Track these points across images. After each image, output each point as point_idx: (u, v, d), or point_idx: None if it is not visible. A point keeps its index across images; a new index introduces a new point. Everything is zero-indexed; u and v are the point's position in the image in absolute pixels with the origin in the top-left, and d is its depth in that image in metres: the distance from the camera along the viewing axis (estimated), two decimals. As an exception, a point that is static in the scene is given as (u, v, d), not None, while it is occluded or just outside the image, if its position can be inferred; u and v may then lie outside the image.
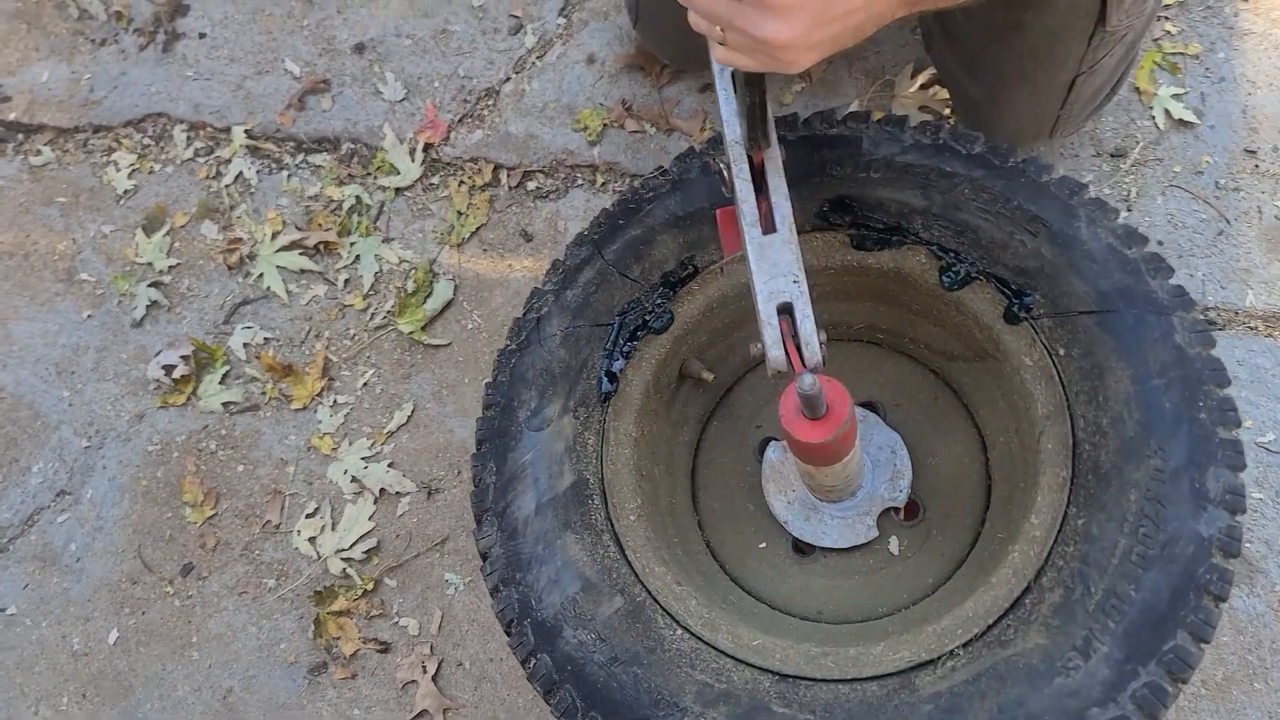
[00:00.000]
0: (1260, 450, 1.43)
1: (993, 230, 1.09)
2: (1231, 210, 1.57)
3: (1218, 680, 1.35)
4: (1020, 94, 1.38)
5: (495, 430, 1.13)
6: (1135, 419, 0.97)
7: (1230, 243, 1.55)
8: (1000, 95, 1.41)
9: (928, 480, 1.20)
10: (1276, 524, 1.39)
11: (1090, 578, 0.93)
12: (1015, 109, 1.43)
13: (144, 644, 1.63)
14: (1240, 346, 1.49)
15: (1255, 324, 1.50)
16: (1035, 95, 1.38)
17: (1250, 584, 1.37)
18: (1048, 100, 1.39)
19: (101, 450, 1.73)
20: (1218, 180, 1.60)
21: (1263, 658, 1.34)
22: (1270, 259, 1.53)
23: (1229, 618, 1.36)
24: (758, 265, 1.00)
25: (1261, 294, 1.52)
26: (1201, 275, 1.55)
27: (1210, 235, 1.57)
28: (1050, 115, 1.44)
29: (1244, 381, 1.47)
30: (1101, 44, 1.26)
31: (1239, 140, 1.62)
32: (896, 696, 0.93)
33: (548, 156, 1.76)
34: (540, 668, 1.02)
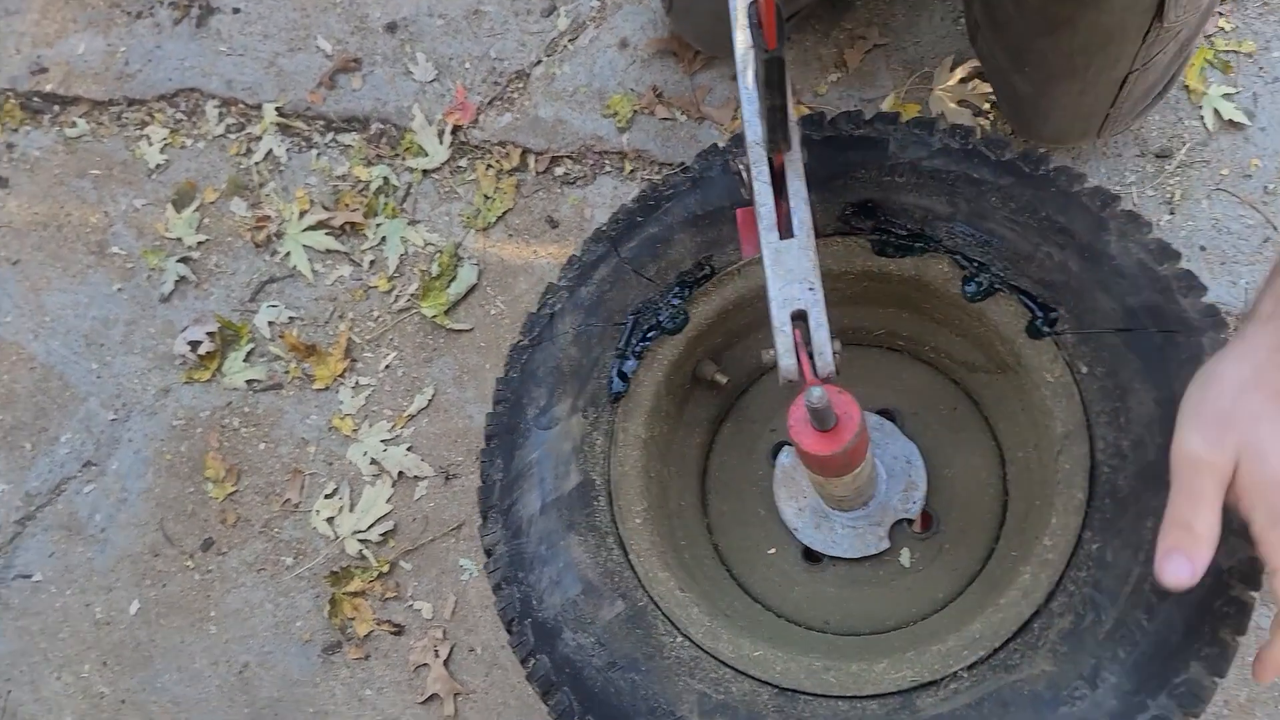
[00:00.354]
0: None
1: (1019, 241, 1.05)
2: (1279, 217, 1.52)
3: (1241, 701, 1.32)
4: (1069, 91, 1.33)
5: (504, 427, 1.12)
6: (1157, 444, 0.94)
7: (1276, 250, 1.51)
8: (1048, 91, 1.36)
9: (943, 493, 1.17)
10: (1309, 543, 1.35)
11: (1102, 605, 0.91)
12: (1063, 106, 1.39)
13: (164, 616, 1.65)
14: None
15: (1298, 335, 1.46)
16: (1085, 93, 1.33)
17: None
18: (1098, 98, 1.35)
19: (128, 423, 1.75)
20: (1266, 185, 1.55)
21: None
22: (1317, 268, 1.49)
23: (1254, 636, 1.32)
24: (773, 270, 0.98)
25: (1306, 304, 1.47)
26: (1245, 283, 1.50)
27: (1256, 242, 1.52)
28: (1099, 114, 1.39)
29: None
30: (1157, 40, 1.21)
31: (1292, 144, 1.57)
32: (896, 717, 0.92)
33: (576, 142, 1.74)
34: (539, 668, 1.01)
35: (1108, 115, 1.39)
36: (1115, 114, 1.39)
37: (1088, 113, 1.39)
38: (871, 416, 1.20)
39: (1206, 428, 0.79)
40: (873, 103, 1.68)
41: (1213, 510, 0.78)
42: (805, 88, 1.71)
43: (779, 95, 0.93)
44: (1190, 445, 0.79)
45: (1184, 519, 0.78)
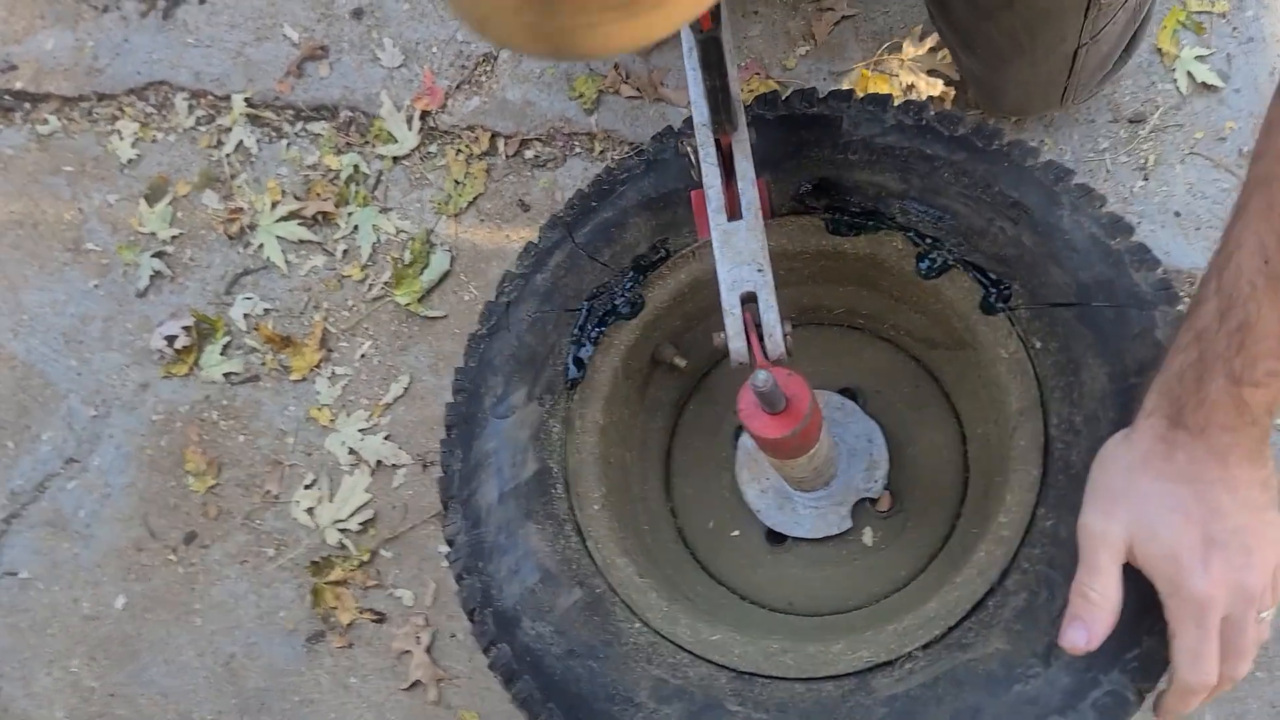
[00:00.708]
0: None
1: (972, 216, 1.05)
2: (1254, 179, 1.51)
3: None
4: (1019, 68, 1.32)
5: (462, 416, 1.12)
6: (1110, 419, 0.94)
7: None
8: (999, 70, 1.36)
9: (905, 470, 1.17)
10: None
11: (1055, 582, 0.91)
12: (1017, 83, 1.38)
13: (150, 609, 1.66)
14: (1258, 323, 1.43)
15: (1274, 299, 1.45)
16: (1035, 68, 1.32)
17: (1256, 570, 1.33)
18: (1050, 73, 1.33)
19: (108, 419, 1.76)
20: (1241, 148, 1.53)
21: (1265, 646, 1.30)
22: (1293, 230, 1.47)
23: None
24: (722, 253, 0.98)
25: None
26: (1220, 247, 1.49)
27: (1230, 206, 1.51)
28: (1057, 85, 1.38)
29: (1259, 360, 1.41)
30: (1100, 15, 1.20)
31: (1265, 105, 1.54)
32: (852, 698, 0.92)
33: (545, 124, 1.73)
34: (500, 657, 1.02)
35: (1066, 86, 1.37)
36: (1074, 84, 1.37)
37: (1044, 86, 1.38)
38: (833, 396, 1.20)
39: (1100, 505, 0.87)
40: (841, 75, 1.67)
41: (1109, 579, 0.85)
42: (774, 62, 1.69)
43: (718, 76, 0.93)
44: (1087, 520, 0.87)
45: (1082, 589, 0.85)
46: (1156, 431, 0.85)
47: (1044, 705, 0.87)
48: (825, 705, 0.92)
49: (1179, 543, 0.81)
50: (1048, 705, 0.87)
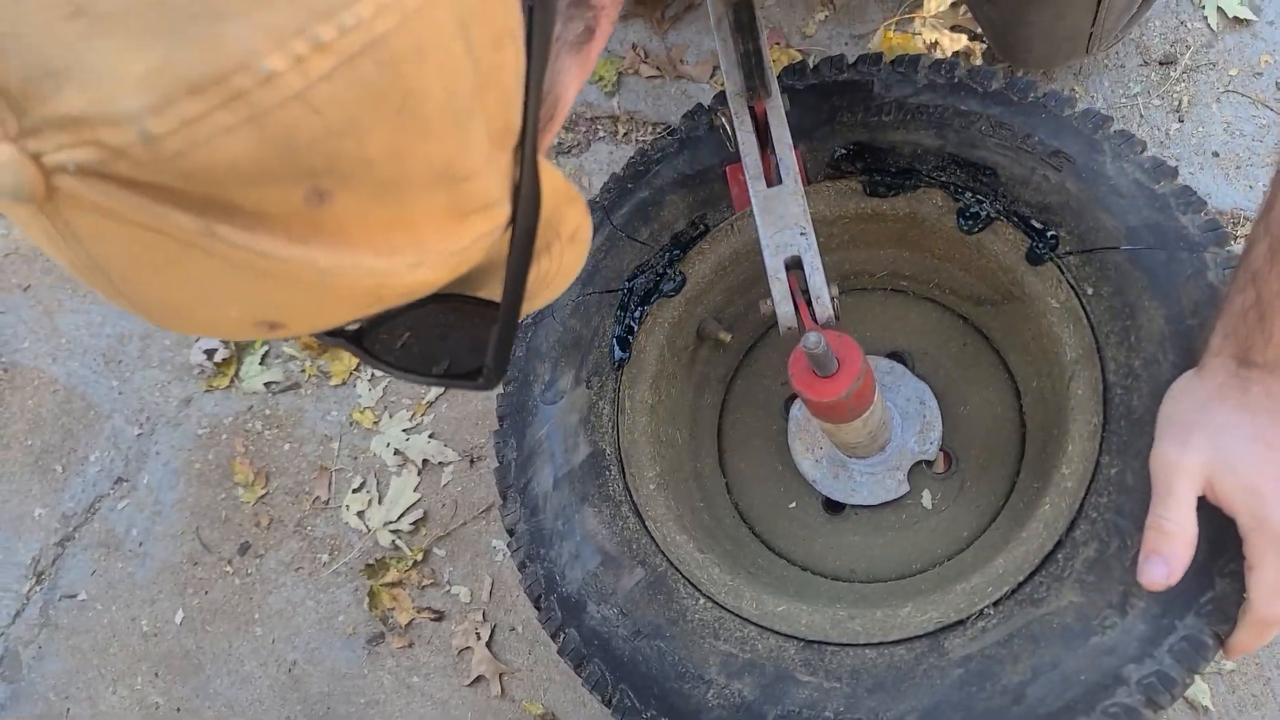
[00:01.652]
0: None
1: (1013, 167, 1.03)
2: (1294, 113, 1.48)
3: None
4: (1044, 17, 1.30)
5: (514, 406, 1.12)
6: (1170, 361, 0.92)
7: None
8: (1023, 19, 1.33)
9: (960, 430, 1.15)
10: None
11: (1126, 530, 0.89)
12: (1042, 32, 1.35)
13: (209, 622, 1.67)
14: (1305, 259, 1.40)
15: (1321, 234, 1.42)
16: (1061, 17, 1.29)
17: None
18: (1076, 20, 1.30)
19: (154, 436, 1.77)
20: (1278, 81, 1.50)
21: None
22: (1337, 163, 1.44)
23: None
24: (763, 219, 0.97)
25: (1328, 202, 1.42)
26: (1262, 186, 1.46)
27: (1271, 142, 1.47)
28: (1082, 33, 1.35)
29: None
30: None
31: (1302, 36, 1.52)
32: (925, 660, 0.91)
33: (567, 110, 1.72)
34: (569, 642, 1.01)
35: (1091, 34, 1.35)
36: (1100, 31, 1.34)
37: (1070, 34, 1.35)
38: (881, 360, 1.18)
39: (1176, 435, 0.85)
40: (863, 38, 1.65)
41: (1185, 510, 0.83)
42: (793, 30, 1.67)
43: (751, 39, 0.91)
44: (1163, 450, 0.85)
45: (1159, 521, 0.84)
46: (1228, 369, 0.83)
47: (1121, 655, 0.86)
48: (898, 669, 0.91)
49: (1262, 473, 0.79)
50: (1125, 654, 0.86)
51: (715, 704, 0.93)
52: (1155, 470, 0.86)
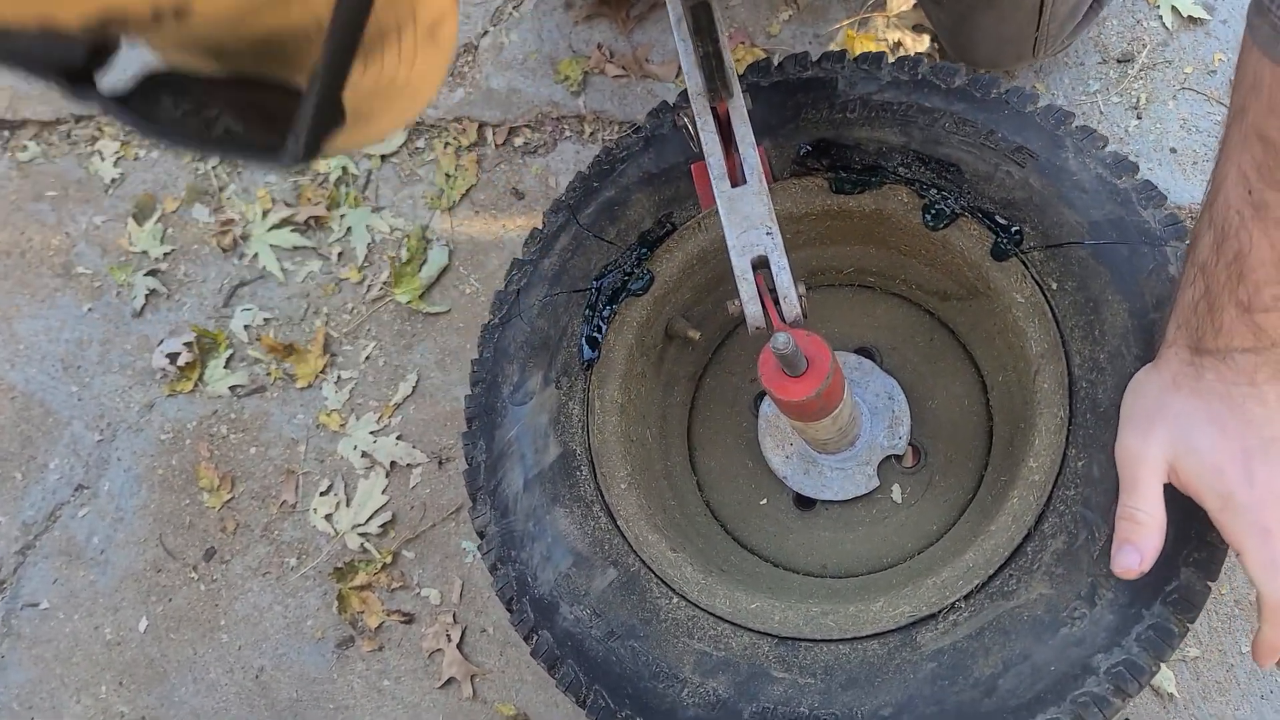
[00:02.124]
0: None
1: (977, 163, 1.04)
2: (1247, 109, 1.50)
3: (1252, 600, 1.31)
4: (988, 20, 1.32)
5: (482, 407, 1.11)
6: (1134, 354, 0.93)
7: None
8: (969, 20, 1.35)
9: (928, 425, 1.16)
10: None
11: (1093, 522, 0.90)
12: (987, 34, 1.37)
13: (174, 629, 1.65)
14: (1262, 253, 1.43)
15: (1277, 228, 1.44)
16: (1004, 21, 1.31)
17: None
18: (1019, 24, 1.33)
19: (114, 442, 1.74)
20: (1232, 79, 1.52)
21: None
22: (1290, 158, 1.46)
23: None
24: (729, 219, 0.97)
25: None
26: (1217, 180, 1.48)
27: (1223, 138, 1.50)
28: (1026, 38, 1.37)
29: (1266, 290, 1.41)
30: None
31: (1252, 34, 1.54)
32: (898, 655, 0.91)
33: (533, 110, 1.72)
34: (542, 644, 1.01)
35: (1036, 37, 1.37)
36: (1044, 35, 1.37)
37: (1014, 38, 1.37)
38: (849, 356, 1.19)
39: (1137, 426, 0.87)
40: (826, 37, 1.66)
41: (1153, 498, 0.85)
42: (757, 29, 1.68)
43: (710, 41, 0.91)
44: (1125, 442, 0.87)
45: (1128, 511, 0.86)
46: (1182, 358, 0.85)
47: (1091, 645, 0.87)
48: (871, 664, 0.91)
49: (1220, 454, 0.81)
50: (1094, 644, 0.87)
51: (690, 703, 0.94)
52: (1121, 462, 0.87)
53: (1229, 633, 1.30)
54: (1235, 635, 1.30)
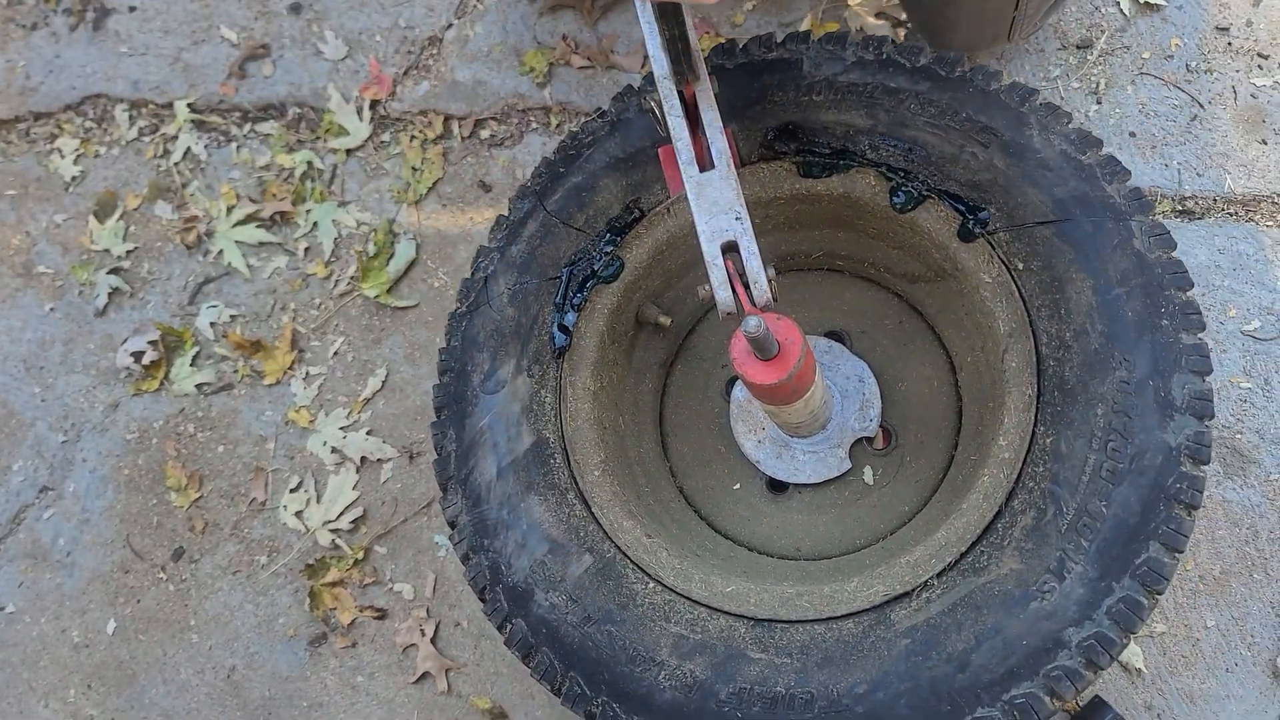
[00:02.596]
0: (1247, 339, 1.40)
1: (942, 145, 1.05)
2: (1205, 93, 1.52)
3: (1215, 574, 1.33)
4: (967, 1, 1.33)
5: (452, 396, 1.11)
6: (1099, 331, 0.94)
7: (1205, 127, 1.51)
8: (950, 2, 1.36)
9: (898, 406, 1.17)
10: (1267, 413, 1.36)
11: (1061, 497, 0.91)
12: (968, 13, 1.38)
13: (143, 631, 1.63)
14: (1221, 233, 1.45)
15: (1235, 209, 1.46)
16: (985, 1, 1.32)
17: (1244, 476, 1.35)
18: (999, 4, 1.34)
19: (79, 443, 1.72)
20: (1189, 63, 1.55)
21: (1260, 549, 1.32)
22: (1247, 140, 1.49)
23: (1224, 511, 1.34)
24: (698, 205, 0.97)
25: (1240, 177, 1.47)
26: (1178, 163, 1.50)
27: (1184, 121, 1.52)
28: (1005, 19, 1.38)
29: (1226, 270, 1.43)
30: None
31: (1209, 18, 1.56)
32: (873, 633, 0.92)
33: (498, 102, 1.71)
34: (516, 632, 1.01)
35: (1013, 19, 1.38)
36: (1021, 16, 1.38)
37: (993, 18, 1.38)
38: (819, 340, 1.20)
39: None
40: (791, 26, 1.66)
41: None
42: (722, 19, 1.68)
43: (676, 24, 0.92)
44: None
45: None
46: None
47: (1061, 619, 0.88)
48: (847, 643, 0.92)
49: None
50: (1064, 618, 0.88)
51: (667, 685, 0.94)
52: None
53: (1194, 608, 1.32)
54: (1200, 610, 1.32)
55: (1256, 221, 1.45)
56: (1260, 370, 1.38)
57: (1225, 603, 1.33)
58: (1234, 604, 1.34)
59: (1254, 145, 1.48)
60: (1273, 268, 1.42)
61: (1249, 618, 1.32)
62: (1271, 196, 1.46)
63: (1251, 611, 1.32)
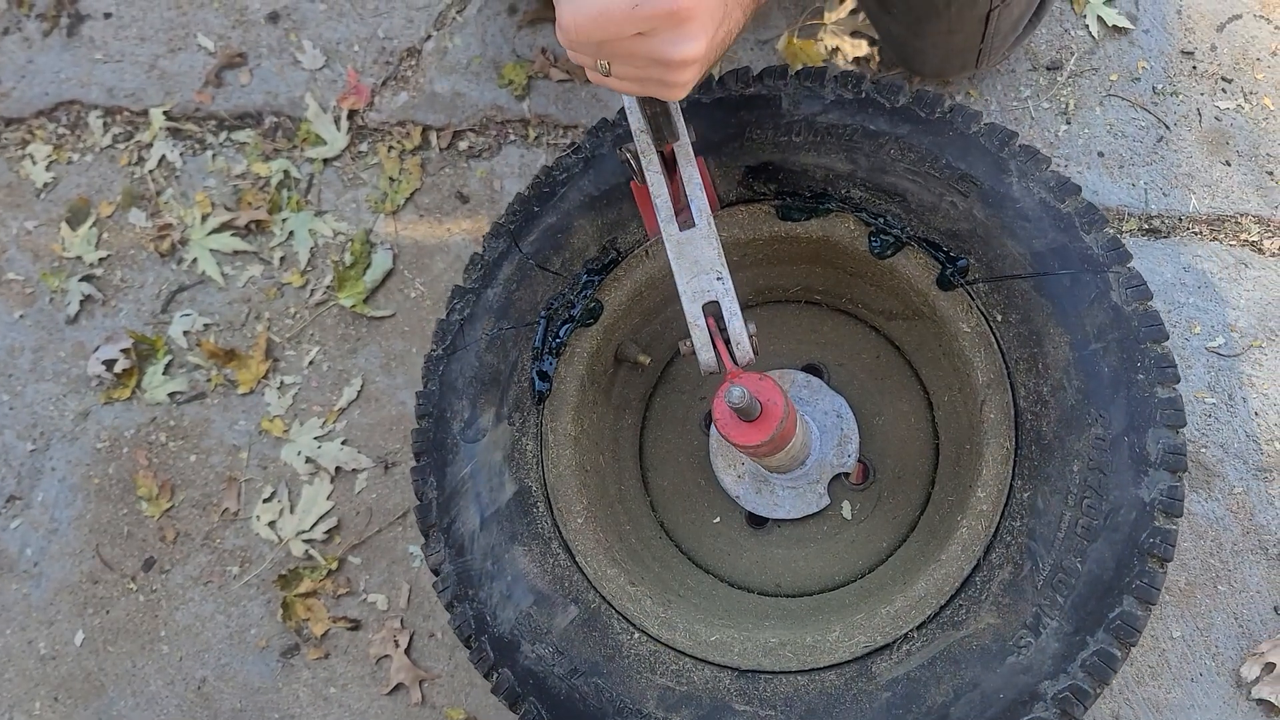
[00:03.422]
0: (1211, 355, 1.43)
1: (922, 193, 1.06)
2: (1170, 115, 1.55)
3: (1181, 586, 1.36)
4: (938, 30, 1.34)
5: (431, 443, 1.10)
6: (1075, 386, 0.96)
7: (1171, 148, 1.54)
8: (919, 32, 1.38)
9: (876, 442, 1.19)
10: (1230, 427, 1.40)
11: (1038, 553, 0.93)
12: (935, 45, 1.40)
13: (111, 642, 1.63)
14: (1186, 252, 1.49)
15: (1200, 229, 1.50)
16: (953, 32, 1.34)
17: (1208, 488, 1.38)
18: (965, 35, 1.36)
19: (48, 452, 1.71)
20: (1155, 85, 1.58)
21: (1224, 560, 1.36)
22: (1211, 161, 1.52)
23: (1188, 523, 1.37)
24: (679, 264, 0.97)
25: (1204, 198, 1.51)
26: (1144, 184, 1.53)
27: (1150, 142, 1.55)
28: (971, 49, 1.41)
29: (1190, 288, 1.46)
30: None
31: (1175, 42, 1.59)
32: (854, 685, 0.94)
33: (477, 114, 1.71)
34: (503, 681, 1.02)
35: (980, 49, 1.40)
36: (988, 48, 1.41)
37: (960, 49, 1.41)
38: (797, 374, 1.21)
39: None
40: (767, 44, 1.67)
41: None
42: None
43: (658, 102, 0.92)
44: None
45: None
46: None
47: (1037, 672, 0.91)
48: (830, 695, 0.94)
49: None
50: (1040, 672, 0.91)
51: (654, 738, 0.95)
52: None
53: (1160, 619, 1.36)
54: (1166, 621, 1.35)
55: (1220, 240, 1.49)
56: (1224, 385, 1.42)
57: (1190, 614, 1.36)
58: (1199, 615, 1.38)
59: (1218, 166, 1.51)
60: (1236, 286, 1.46)
61: (1213, 629, 1.35)
62: (1235, 216, 1.49)
63: (1216, 623, 1.35)
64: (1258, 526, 1.36)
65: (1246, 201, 1.49)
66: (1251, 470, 1.38)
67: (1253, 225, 1.49)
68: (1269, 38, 1.55)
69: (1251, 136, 1.52)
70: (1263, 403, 1.40)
